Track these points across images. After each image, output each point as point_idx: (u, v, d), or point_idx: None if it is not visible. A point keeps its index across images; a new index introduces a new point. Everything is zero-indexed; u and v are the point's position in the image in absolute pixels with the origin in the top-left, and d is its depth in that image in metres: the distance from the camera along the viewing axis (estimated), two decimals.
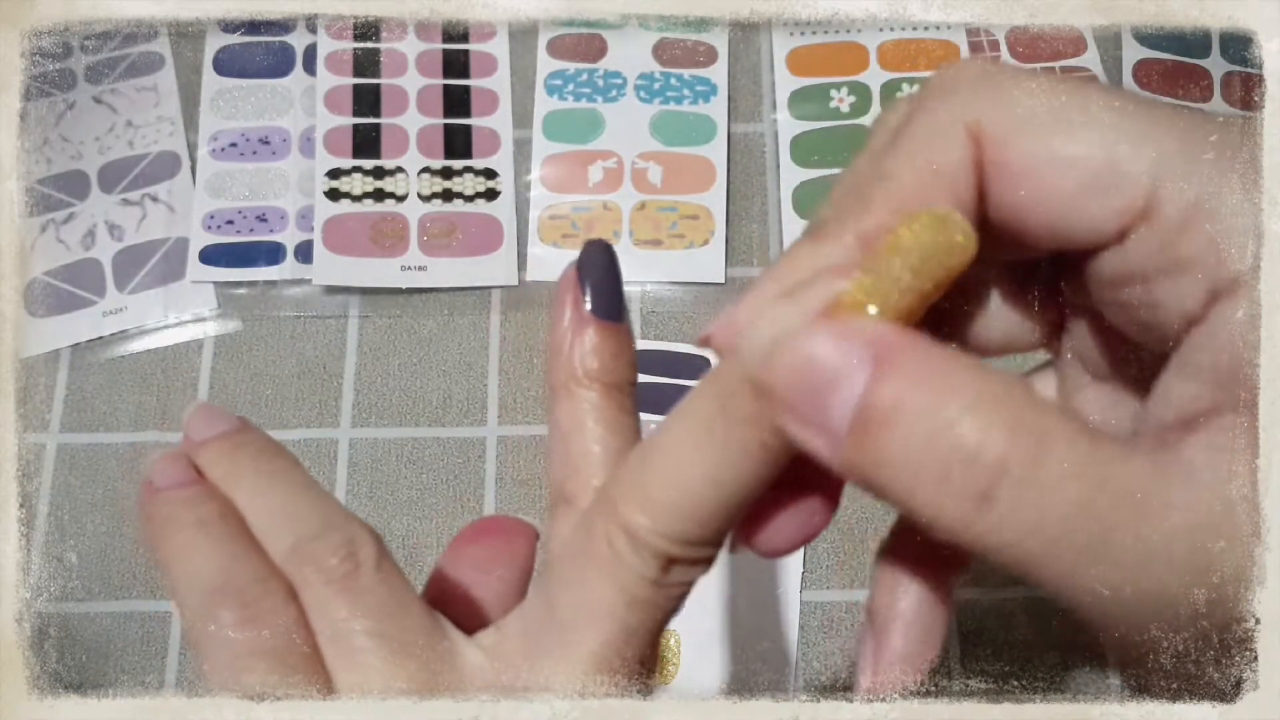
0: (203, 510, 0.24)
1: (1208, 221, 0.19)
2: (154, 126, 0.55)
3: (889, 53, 0.56)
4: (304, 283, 0.52)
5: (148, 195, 0.54)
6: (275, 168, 0.54)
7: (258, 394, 0.51)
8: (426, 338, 0.52)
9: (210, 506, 0.24)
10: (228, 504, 0.24)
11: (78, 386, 0.51)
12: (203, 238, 0.53)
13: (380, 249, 0.52)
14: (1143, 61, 0.56)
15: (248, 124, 0.55)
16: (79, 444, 0.50)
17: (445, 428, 0.50)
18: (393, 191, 0.54)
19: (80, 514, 0.48)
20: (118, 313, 0.52)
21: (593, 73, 0.56)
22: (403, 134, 0.55)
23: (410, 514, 0.49)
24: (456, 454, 0.50)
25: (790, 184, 0.54)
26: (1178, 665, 0.19)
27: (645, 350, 0.51)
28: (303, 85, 0.56)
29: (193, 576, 0.23)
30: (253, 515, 0.24)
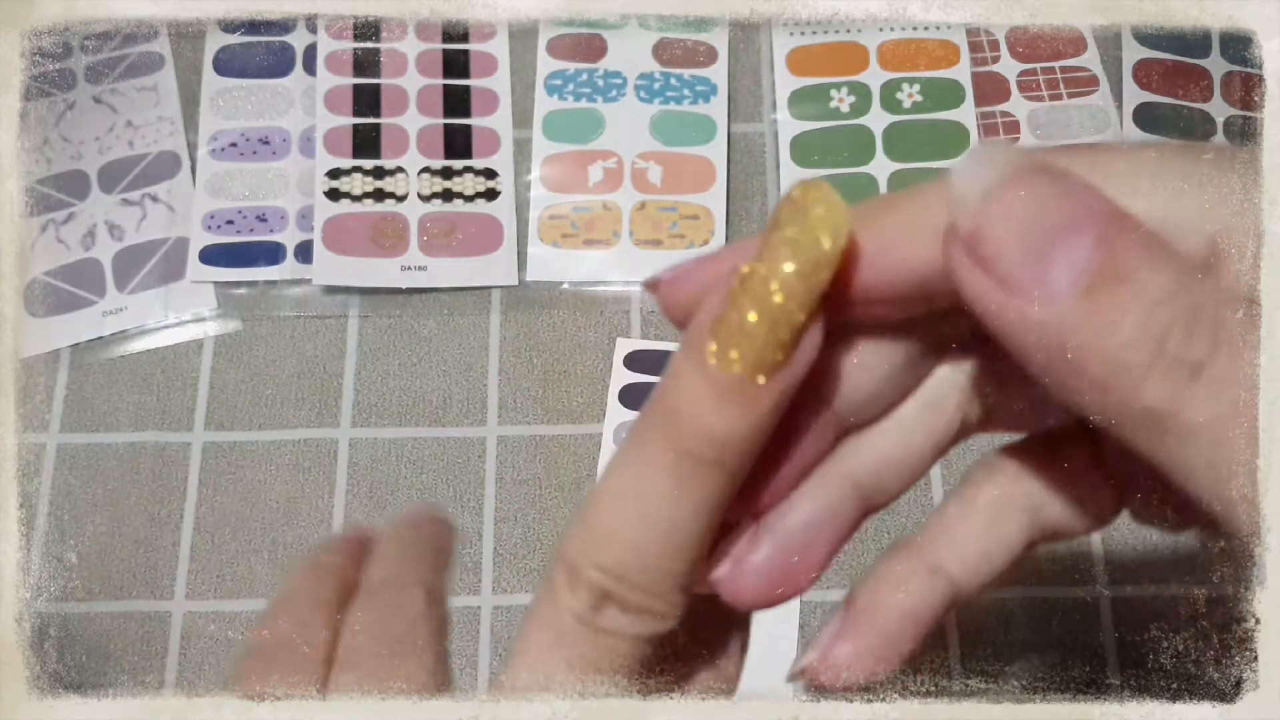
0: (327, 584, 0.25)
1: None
2: (154, 126, 0.55)
3: (889, 53, 0.56)
4: (304, 283, 0.52)
5: (148, 195, 0.54)
6: (275, 168, 0.54)
7: (258, 394, 0.51)
8: (426, 338, 0.52)
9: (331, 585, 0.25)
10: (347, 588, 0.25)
11: (78, 386, 0.51)
12: (203, 238, 0.53)
13: (380, 249, 0.52)
14: (1143, 61, 0.56)
15: (248, 124, 0.55)
16: (79, 444, 0.50)
17: (445, 428, 0.50)
18: (393, 191, 0.54)
19: (80, 514, 0.48)
20: (118, 313, 0.52)
21: (593, 73, 0.56)
22: (403, 134, 0.55)
23: None
24: (456, 454, 0.50)
25: (790, 184, 0.54)
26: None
27: (645, 350, 0.51)
28: (303, 85, 0.56)
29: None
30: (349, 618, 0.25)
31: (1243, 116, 0.55)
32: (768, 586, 0.21)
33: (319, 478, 0.49)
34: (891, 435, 0.22)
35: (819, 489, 0.22)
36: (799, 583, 0.22)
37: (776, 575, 0.21)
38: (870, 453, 0.22)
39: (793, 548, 0.22)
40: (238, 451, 0.50)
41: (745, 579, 0.21)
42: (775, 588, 0.21)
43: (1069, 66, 0.56)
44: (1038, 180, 0.17)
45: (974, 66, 0.56)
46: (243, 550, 0.48)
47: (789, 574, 0.22)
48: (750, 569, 0.21)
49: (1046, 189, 0.17)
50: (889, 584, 0.23)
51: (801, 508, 0.22)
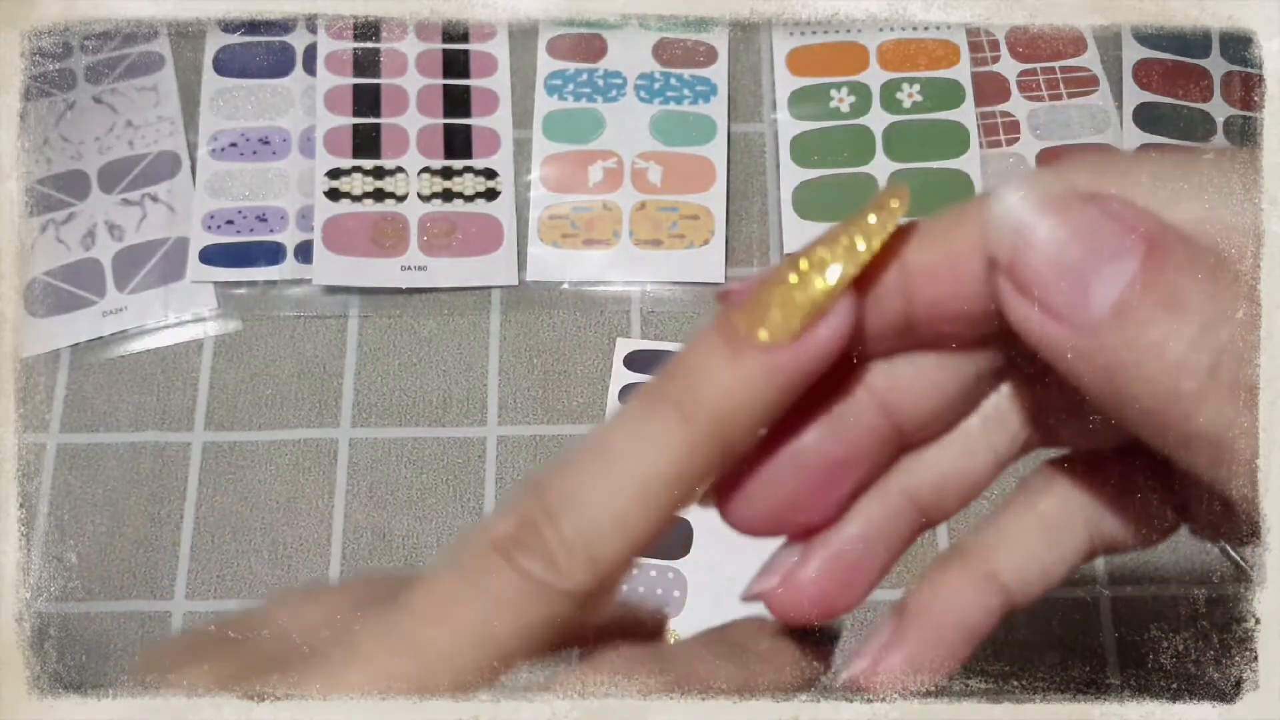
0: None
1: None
2: (154, 126, 0.55)
3: (889, 53, 0.56)
4: (304, 283, 0.52)
5: (148, 195, 0.54)
6: (275, 168, 0.54)
7: (258, 394, 0.51)
8: (426, 338, 0.52)
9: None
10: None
11: (78, 386, 0.51)
12: (203, 238, 0.53)
13: (380, 249, 0.52)
14: (1143, 61, 0.56)
15: (248, 124, 0.55)
16: (79, 444, 0.50)
17: (445, 428, 0.50)
18: (393, 191, 0.54)
19: (80, 514, 0.48)
20: (118, 313, 0.52)
21: (593, 73, 0.56)
22: (403, 134, 0.55)
23: (410, 514, 0.49)
24: (456, 454, 0.50)
25: (790, 184, 0.54)
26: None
27: (645, 350, 0.51)
28: (303, 85, 0.56)
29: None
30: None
31: (1243, 116, 0.55)
32: (817, 602, 0.21)
33: (319, 478, 0.49)
34: (953, 450, 0.22)
35: (875, 504, 0.22)
36: (849, 599, 0.22)
37: (827, 590, 0.21)
38: (931, 468, 0.22)
39: (845, 563, 0.21)
40: (238, 451, 0.50)
41: (795, 593, 0.21)
42: (825, 603, 0.21)
43: (1069, 66, 0.56)
44: (1074, 206, 0.17)
45: (974, 66, 0.56)
46: (243, 550, 0.48)
47: (840, 590, 0.21)
48: (800, 583, 0.21)
49: (1085, 214, 0.17)
50: (944, 592, 0.23)
51: (856, 523, 0.22)
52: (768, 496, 0.21)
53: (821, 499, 0.21)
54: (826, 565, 0.21)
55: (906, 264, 0.19)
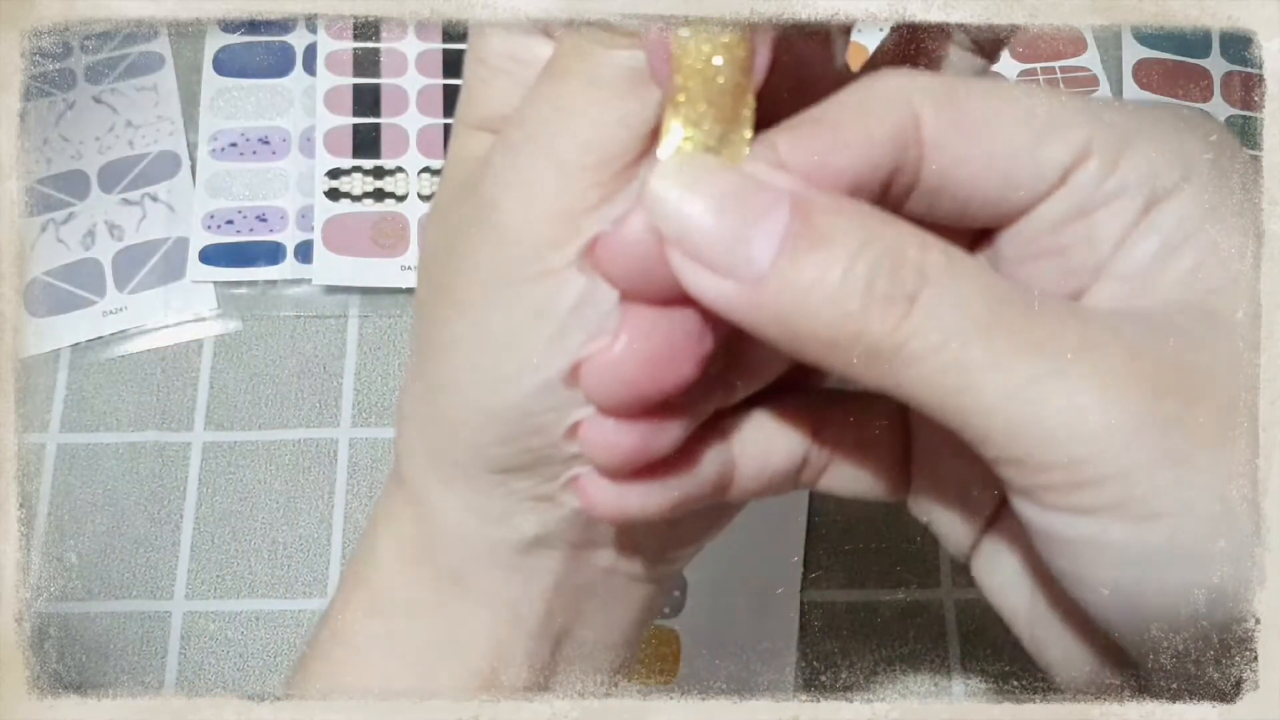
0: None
1: (1143, 145, 0.20)
2: (154, 126, 0.55)
3: (889, 53, 0.56)
4: (304, 283, 0.52)
5: (148, 195, 0.54)
6: (275, 168, 0.54)
7: (258, 394, 0.51)
8: None
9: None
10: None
11: (78, 386, 0.51)
12: (203, 237, 0.53)
13: (380, 249, 0.52)
14: (1143, 61, 0.56)
15: (248, 124, 0.55)
16: (79, 444, 0.50)
17: None
18: (393, 191, 0.54)
19: (80, 514, 0.48)
20: (118, 312, 0.52)
21: None
22: (403, 134, 0.55)
23: None
24: None
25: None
26: (1178, 665, 0.19)
27: None
28: (303, 85, 0.56)
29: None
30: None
31: (1243, 116, 0.55)
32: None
33: (319, 478, 0.49)
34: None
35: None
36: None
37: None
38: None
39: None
40: (238, 451, 0.50)
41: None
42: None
43: (1069, 66, 0.56)
44: (724, 178, 0.19)
45: None
46: (243, 550, 0.48)
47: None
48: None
49: (736, 183, 0.19)
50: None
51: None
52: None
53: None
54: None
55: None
